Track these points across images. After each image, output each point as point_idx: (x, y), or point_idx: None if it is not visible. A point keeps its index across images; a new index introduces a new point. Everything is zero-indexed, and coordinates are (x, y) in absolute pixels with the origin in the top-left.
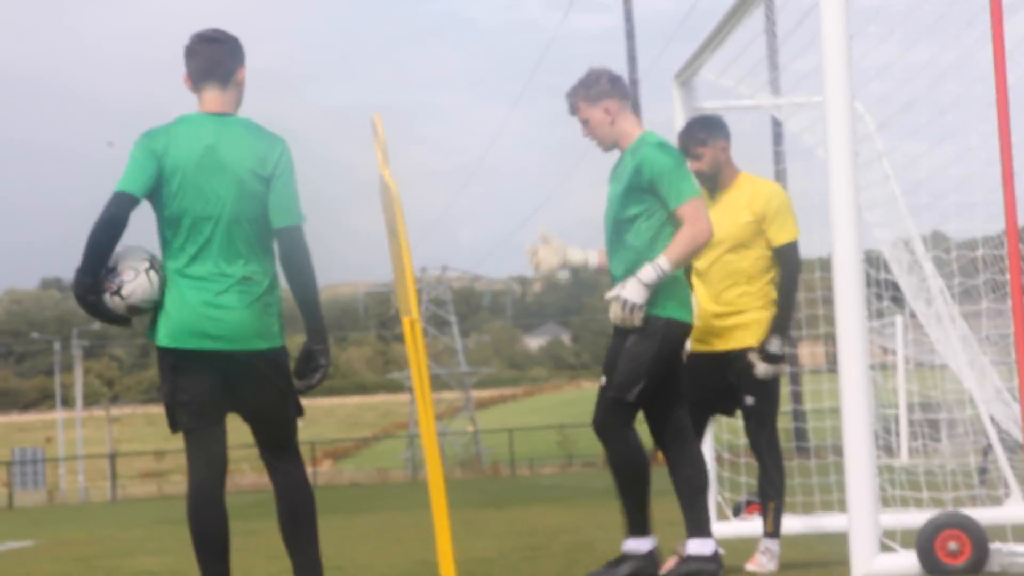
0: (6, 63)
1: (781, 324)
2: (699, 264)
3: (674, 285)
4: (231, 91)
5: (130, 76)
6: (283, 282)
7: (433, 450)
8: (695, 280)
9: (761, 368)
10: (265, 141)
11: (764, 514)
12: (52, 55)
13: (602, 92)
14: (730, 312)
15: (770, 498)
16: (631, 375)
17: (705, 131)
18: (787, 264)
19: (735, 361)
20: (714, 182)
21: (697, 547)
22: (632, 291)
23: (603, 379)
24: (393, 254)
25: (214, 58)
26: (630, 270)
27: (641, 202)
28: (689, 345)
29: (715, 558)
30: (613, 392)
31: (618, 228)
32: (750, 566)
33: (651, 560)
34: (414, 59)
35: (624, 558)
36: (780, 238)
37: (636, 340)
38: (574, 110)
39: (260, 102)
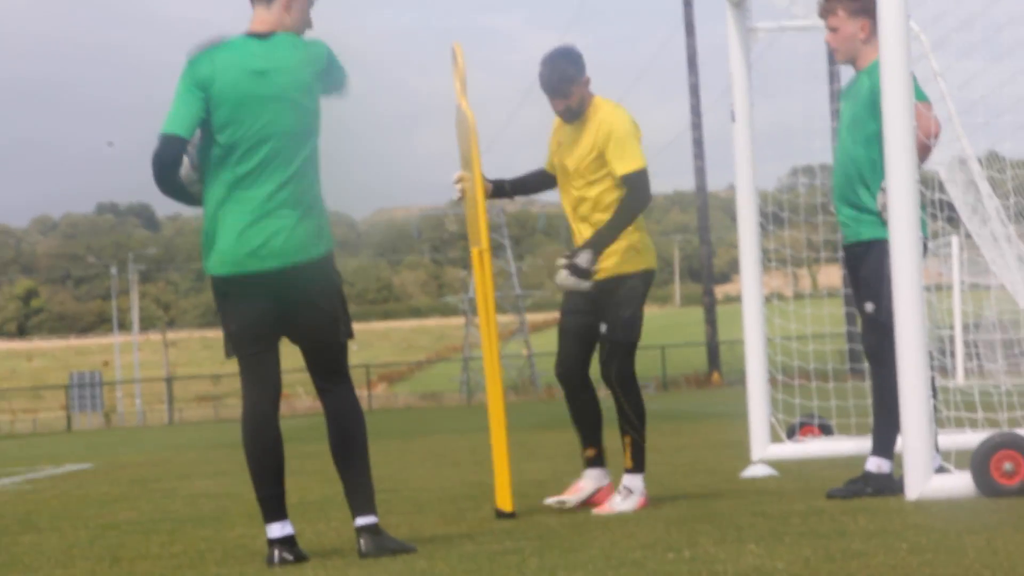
0: None
1: (599, 240)
2: (563, 190)
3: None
4: (276, 10)
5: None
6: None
7: (495, 378)
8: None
9: (562, 276)
10: (310, 50)
11: (623, 449)
12: None
13: (866, 8)
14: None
15: (624, 432)
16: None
17: (573, 67)
18: (630, 191)
19: (600, 292)
20: (578, 116)
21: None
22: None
23: (869, 306)
24: (466, 184)
25: None
26: (850, 186)
27: (877, 119)
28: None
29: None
30: (886, 317)
31: (852, 144)
32: (596, 510)
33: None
34: None
35: None
36: (621, 167)
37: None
38: (828, 13)
39: (320, 25)
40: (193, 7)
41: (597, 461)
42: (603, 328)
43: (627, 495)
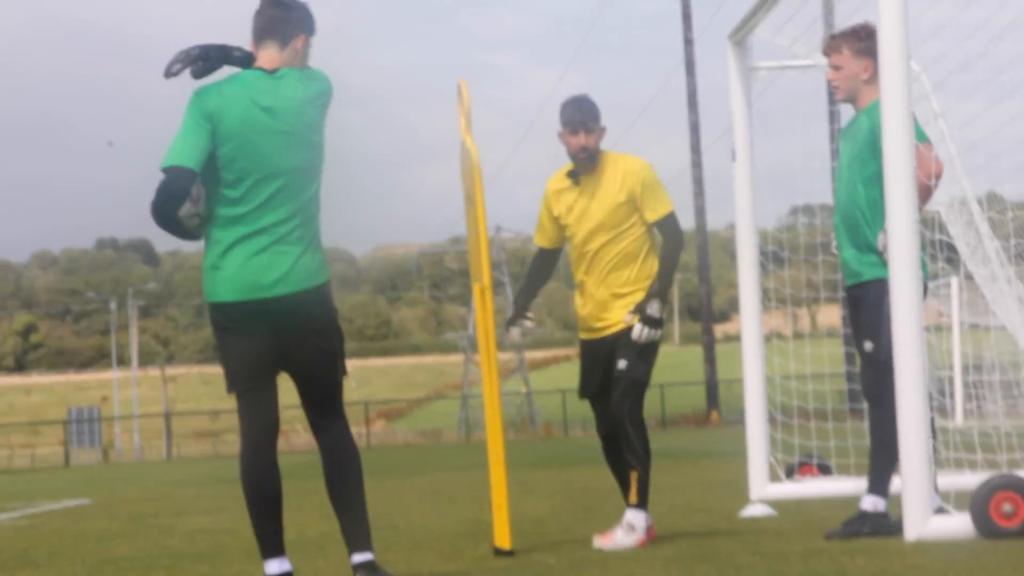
0: (66, 11)
1: (661, 289)
2: (580, 250)
3: None
4: (288, 54)
5: (193, 30)
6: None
7: (495, 415)
8: (577, 270)
9: (638, 330)
10: (316, 82)
11: (626, 486)
12: (117, 8)
13: (871, 50)
14: (620, 295)
15: (631, 467)
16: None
17: (597, 108)
18: (670, 235)
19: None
20: (591, 163)
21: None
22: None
23: (868, 345)
24: (469, 220)
25: (276, 19)
26: (852, 226)
27: (877, 159)
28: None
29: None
30: (884, 355)
31: (852, 185)
32: (599, 542)
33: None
34: (471, 20)
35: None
36: (656, 212)
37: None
38: (832, 50)
39: (318, 61)
40: (195, 40)
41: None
42: (622, 365)
43: (630, 530)
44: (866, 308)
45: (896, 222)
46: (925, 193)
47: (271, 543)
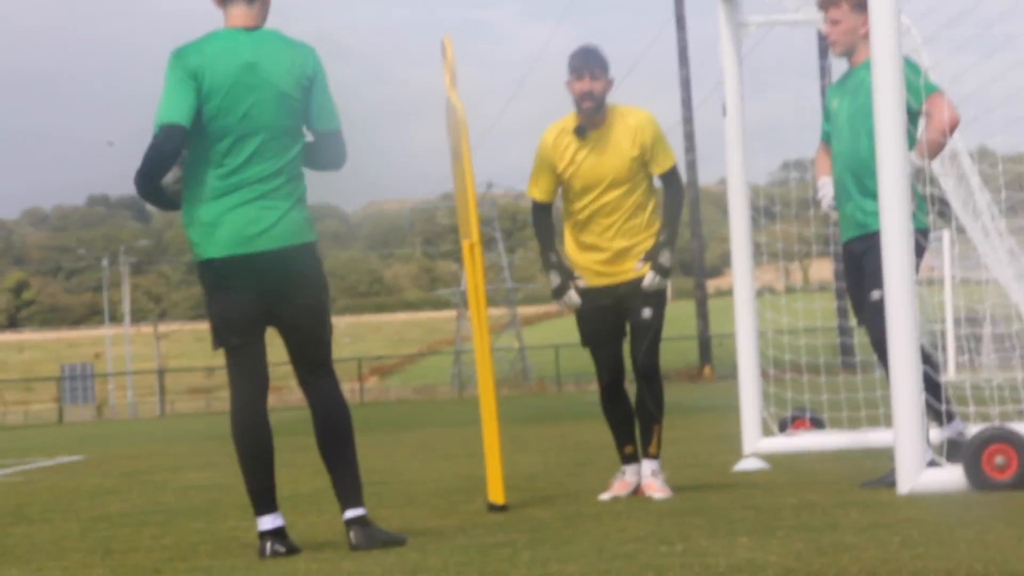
0: None
1: (671, 239)
2: (592, 204)
3: None
4: (257, 6)
5: None
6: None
7: (486, 371)
8: (578, 221)
9: (650, 278)
10: (299, 51)
11: (649, 438)
12: None
13: (863, 4)
14: (635, 243)
15: (655, 420)
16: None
17: (604, 58)
18: (675, 186)
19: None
20: (598, 114)
21: None
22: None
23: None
24: (456, 176)
25: None
26: (857, 178)
27: None
28: (584, 282)
29: None
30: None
31: (856, 138)
32: (655, 493)
33: None
34: None
35: None
36: (664, 164)
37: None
38: (831, 5)
39: (308, 20)
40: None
41: (636, 457)
42: (647, 314)
43: (662, 479)
44: (875, 258)
45: (887, 176)
46: (936, 147)
47: (263, 499)
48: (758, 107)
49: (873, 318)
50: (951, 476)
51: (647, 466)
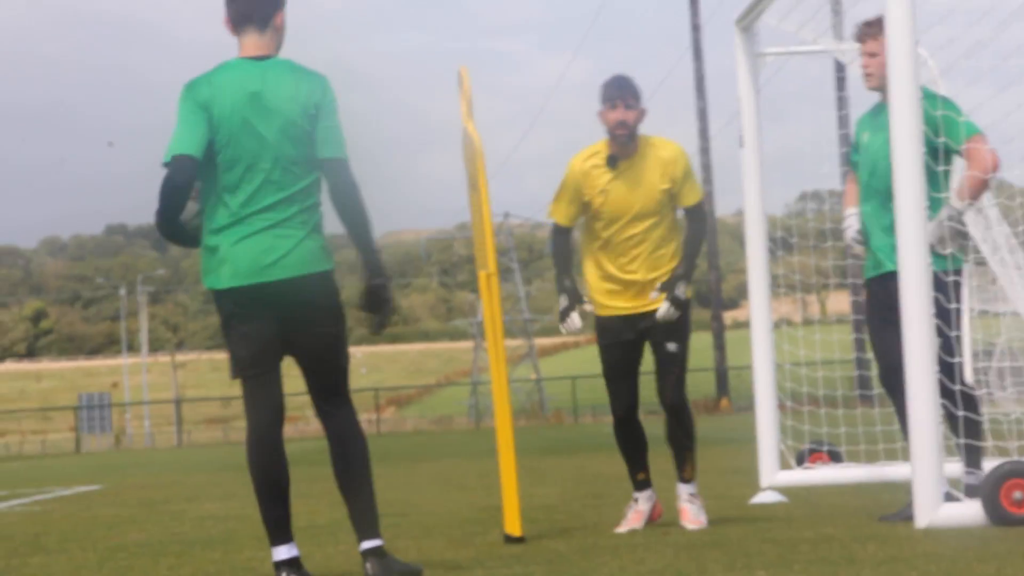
0: (81, 3)
1: (687, 271)
2: (619, 234)
3: None
4: (269, 35)
5: (204, 18)
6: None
7: (503, 402)
8: (602, 250)
9: (664, 309)
10: (309, 80)
11: (683, 464)
12: None
13: None
14: (657, 277)
15: (687, 448)
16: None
17: (636, 88)
18: (699, 221)
19: (651, 314)
20: (630, 144)
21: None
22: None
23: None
24: (473, 206)
25: (252, 2)
26: (889, 210)
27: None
28: (599, 310)
29: None
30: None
31: (889, 174)
32: (688, 524)
33: None
34: (479, 6)
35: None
36: (692, 198)
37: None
38: (869, 36)
39: (328, 48)
40: (205, 28)
41: (648, 483)
42: (671, 348)
43: (698, 504)
44: None
45: (905, 210)
46: (980, 187)
47: (279, 529)
48: (775, 137)
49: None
50: (969, 511)
51: (683, 490)
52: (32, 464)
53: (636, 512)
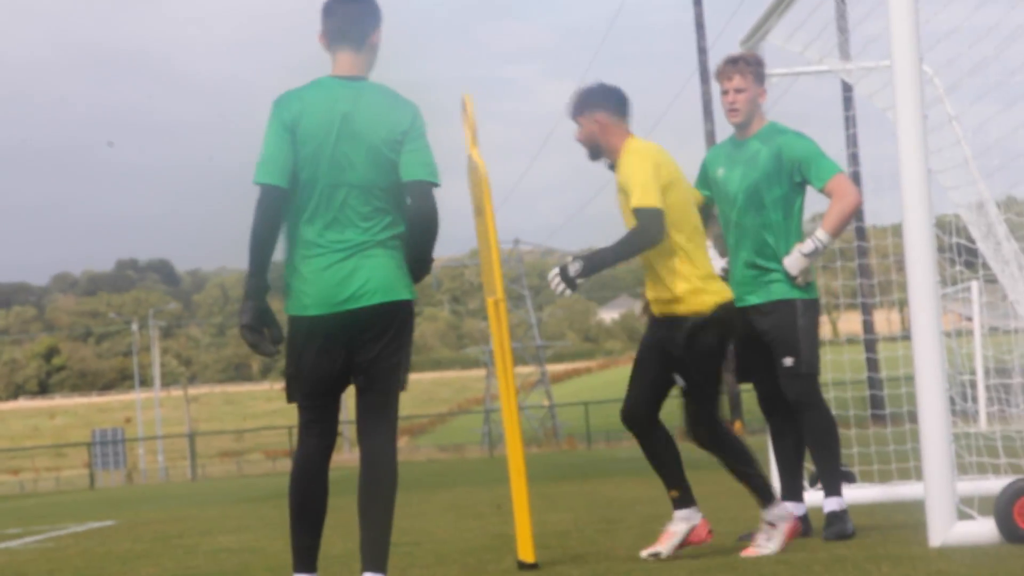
0: (89, 38)
1: (593, 259)
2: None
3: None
4: (364, 54)
5: (218, 55)
6: None
7: (514, 429)
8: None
9: (551, 276)
10: (400, 107)
11: (759, 484)
12: (143, 33)
13: (763, 76)
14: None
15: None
16: (814, 350)
17: (595, 96)
18: (636, 225)
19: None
20: (600, 150)
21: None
22: (794, 262)
23: (788, 360)
24: (479, 233)
25: (349, 18)
26: (760, 249)
27: (782, 185)
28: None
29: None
30: (806, 369)
31: (757, 208)
32: (744, 553)
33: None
34: (485, 34)
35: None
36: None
37: (806, 318)
38: (737, 72)
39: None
40: (217, 65)
41: (683, 501)
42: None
43: (770, 531)
44: (778, 326)
45: (912, 228)
46: (848, 219)
47: (305, 558)
48: None
49: (786, 383)
50: (982, 529)
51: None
52: (46, 501)
53: (666, 532)
